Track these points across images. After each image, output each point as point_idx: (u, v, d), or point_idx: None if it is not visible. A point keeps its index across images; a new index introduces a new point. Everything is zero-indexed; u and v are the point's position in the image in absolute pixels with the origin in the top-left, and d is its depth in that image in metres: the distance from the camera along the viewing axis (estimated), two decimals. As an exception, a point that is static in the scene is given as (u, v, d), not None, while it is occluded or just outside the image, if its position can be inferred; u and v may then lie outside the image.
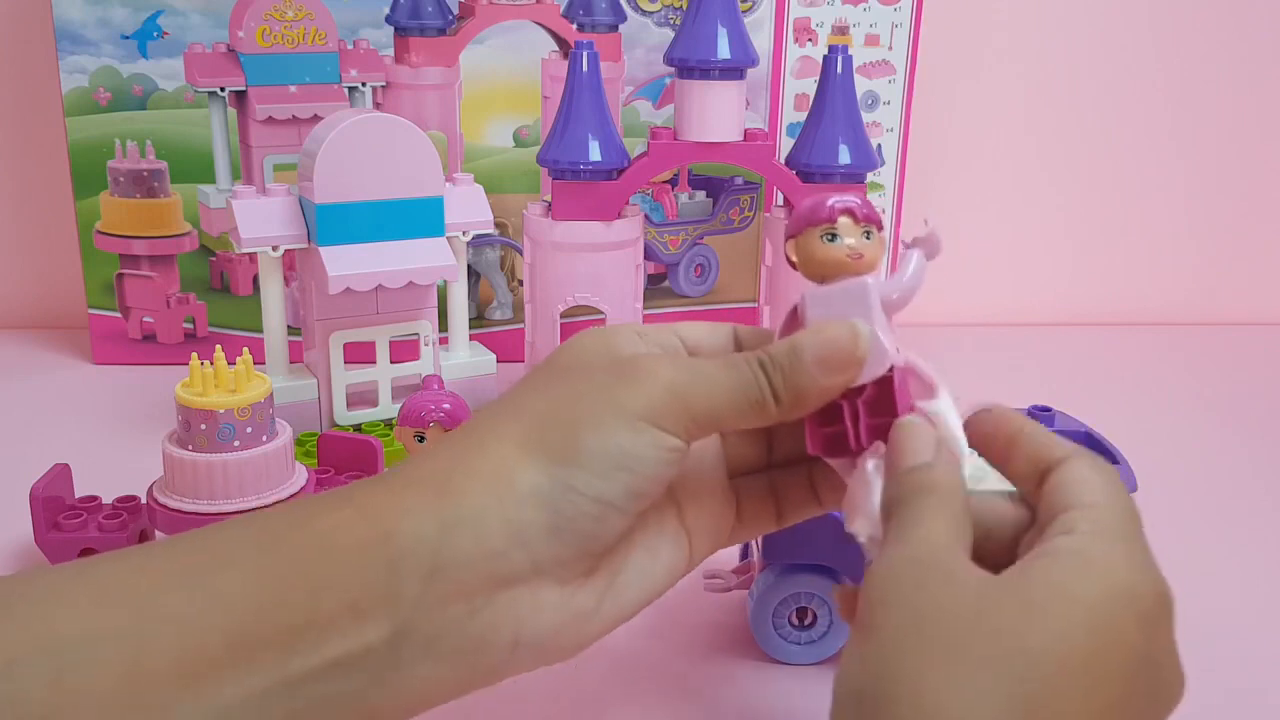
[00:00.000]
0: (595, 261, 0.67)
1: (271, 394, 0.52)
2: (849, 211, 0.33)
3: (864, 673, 0.27)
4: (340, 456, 0.59)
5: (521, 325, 0.72)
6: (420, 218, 0.66)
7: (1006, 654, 0.26)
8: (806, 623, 0.47)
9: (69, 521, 0.52)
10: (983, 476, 0.33)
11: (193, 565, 0.28)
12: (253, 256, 0.66)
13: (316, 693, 0.27)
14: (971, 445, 0.33)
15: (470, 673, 0.30)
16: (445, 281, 0.70)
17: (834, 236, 0.33)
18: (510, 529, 0.29)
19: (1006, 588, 0.27)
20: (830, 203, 0.33)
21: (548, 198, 0.69)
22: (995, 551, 0.31)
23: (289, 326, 0.68)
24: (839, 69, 0.68)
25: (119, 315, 0.82)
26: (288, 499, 0.52)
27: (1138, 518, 0.30)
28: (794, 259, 0.34)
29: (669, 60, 0.67)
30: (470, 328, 0.74)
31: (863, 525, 0.32)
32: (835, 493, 0.36)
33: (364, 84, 0.77)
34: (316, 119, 0.71)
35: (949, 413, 0.33)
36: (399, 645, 0.28)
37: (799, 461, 0.36)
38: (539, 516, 0.29)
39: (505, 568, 0.29)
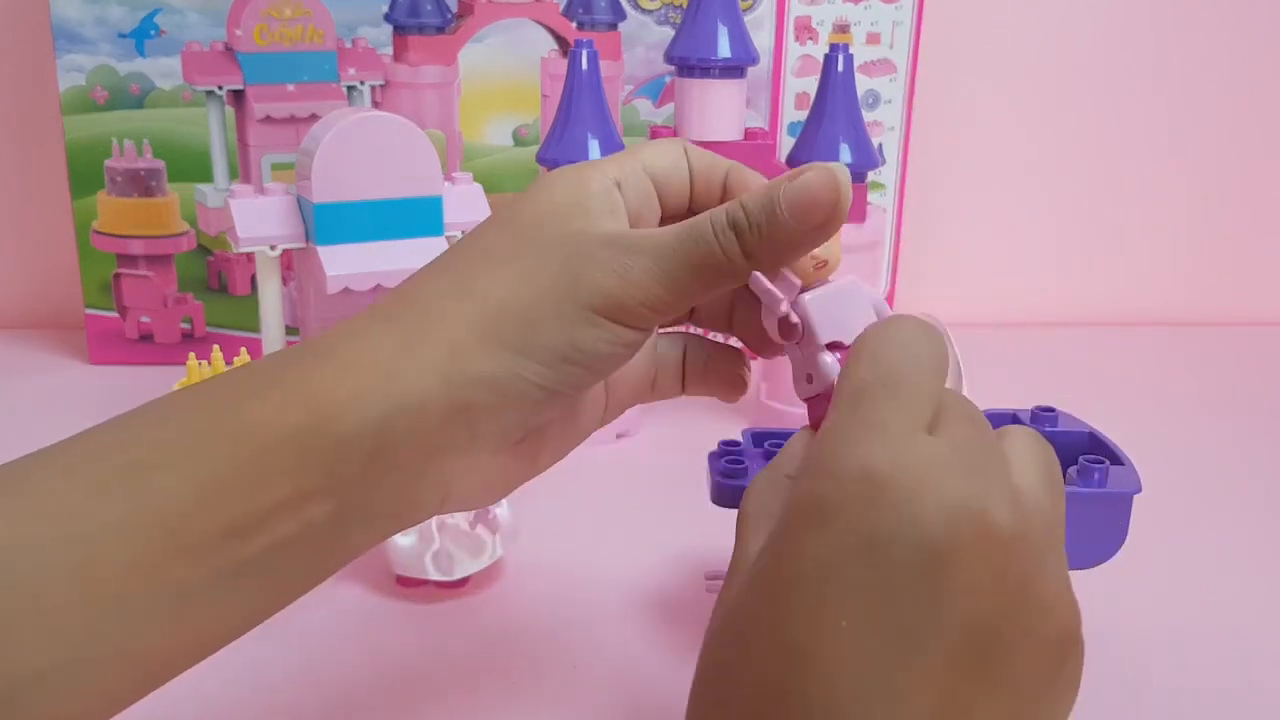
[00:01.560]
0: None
1: (269, 394, 0.52)
2: None
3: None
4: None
5: (521, 325, 0.72)
6: (419, 217, 0.65)
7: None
8: (808, 625, 0.46)
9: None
10: None
11: (126, 466, 0.28)
12: (250, 256, 0.65)
13: (264, 567, 0.28)
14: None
15: (400, 525, 0.31)
16: (444, 281, 0.69)
17: None
18: (455, 409, 0.29)
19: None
20: None
21: (547, 197, 0.69)
22: None
23: (287, 326, 0.68)
24: (840, 67, 0.67)
25: (116, 315, 0.81)
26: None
27: (901, 377, 0.27)
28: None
29: (669, 59, 0.66)
30: (469, 327, 0.74)
31: None
32: (724, 376, 0.37)
33: (362, 83, 0.77)
34: (315, 118, 0.71)
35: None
36: (340, 519, 0.29)
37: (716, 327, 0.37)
38: (486, 400, 0.30)
39: (445, 442, 0.30)
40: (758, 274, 0.31)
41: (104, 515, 0.27)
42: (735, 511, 0.45)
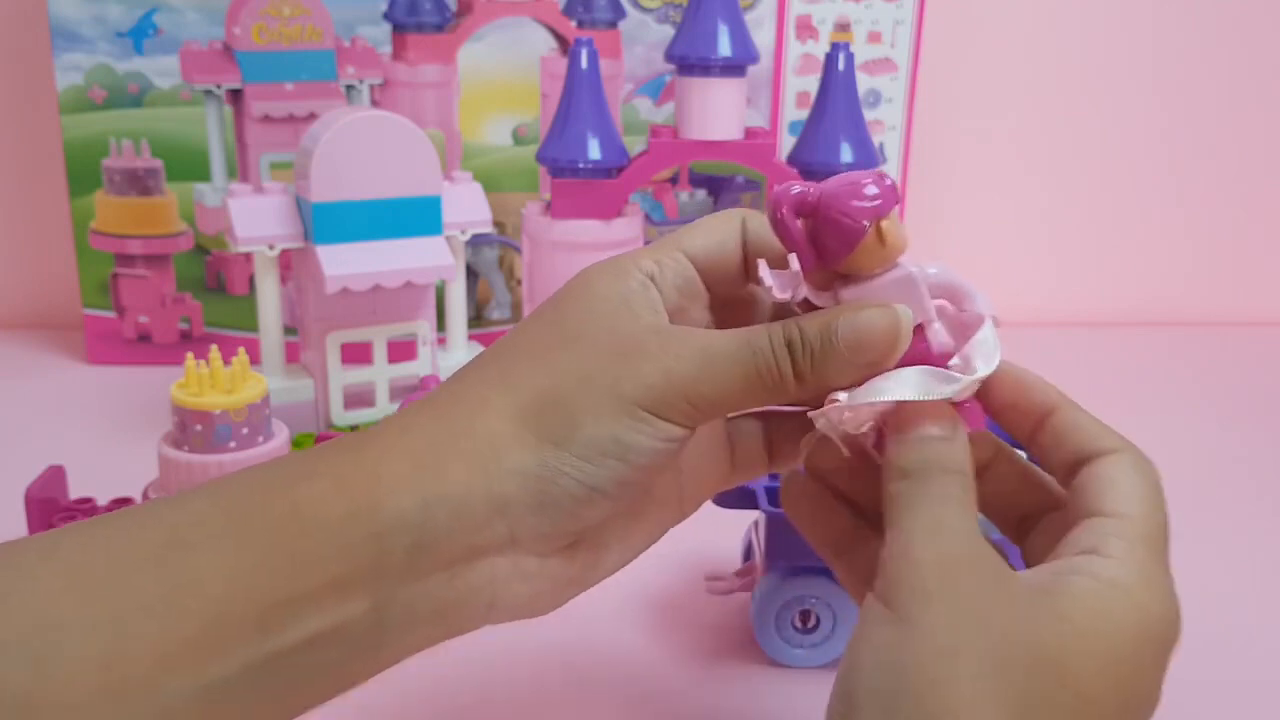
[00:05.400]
0: (595, 260, 0.66)
1: (268, 395, 0.52)
2: None
3: (900, 664, 0.27)
4: (337, 457, 0.58)
5: (520, 325, 0.72)
6: (418, 217, 0.65)
7: (1049, 676, 0.27)
8: (809, 626, 0.46)
9: (64, 523, 0.52)
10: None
11: (163, 544, 0.27)
12: (249, 255, 0.65)
13: (298, 664, 0.27)
14: (992, 415, 0.31)
15: (445, 632, 0.30)
16: (443, 281, 0.69)
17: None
18: (493, 504, 0.29)
19: (1049, 605, 0.28)
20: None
21: (547, 196, 0.68)
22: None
23: (285, 326, 0.68)
24: (841, 66, 0.67)
25: (114, 315, 0.81)
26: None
27: (1167, 532, 0.30)
28: (899, 238, 0.30)
29: (669, 57, 0.66)
30: (469, 327, 0.74)
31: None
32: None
33: (361, 81, 0.76)
34: (313, 117, 0.70)
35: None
36: (380, 616, 0.28)
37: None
38: (523, 494, 0.29)
39: (486, 539, 0.29)
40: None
41: (137, 596, 0.26)
42: (735, 512, 0.45)
